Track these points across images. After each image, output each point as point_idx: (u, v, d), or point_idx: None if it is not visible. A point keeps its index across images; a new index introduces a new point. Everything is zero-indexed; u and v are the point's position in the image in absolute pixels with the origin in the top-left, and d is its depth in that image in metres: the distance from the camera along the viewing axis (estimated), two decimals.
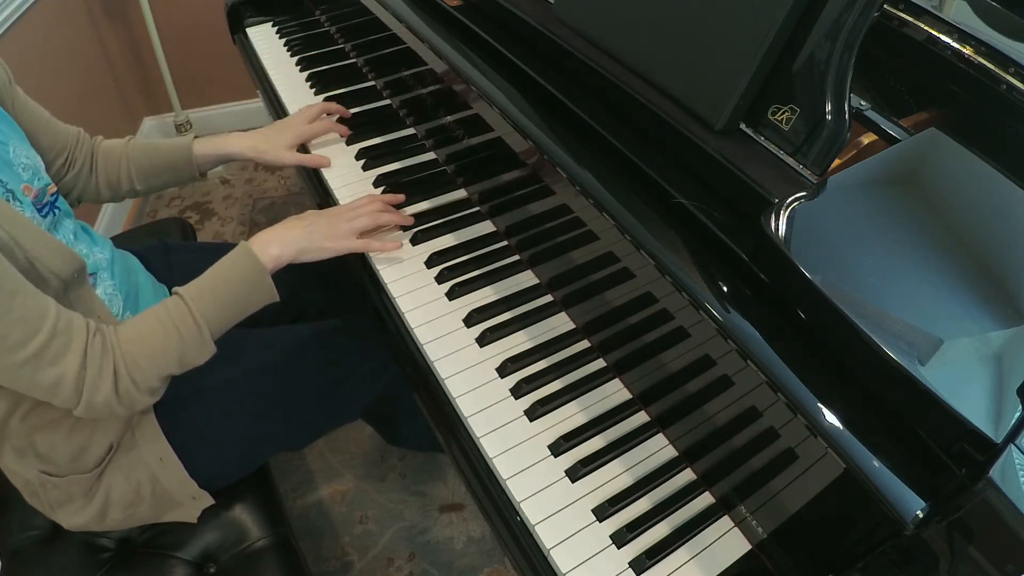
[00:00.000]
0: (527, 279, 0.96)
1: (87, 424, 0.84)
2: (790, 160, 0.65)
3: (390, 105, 1.29)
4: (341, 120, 1.21)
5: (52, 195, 0.84)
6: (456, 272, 0.96)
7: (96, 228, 1.82)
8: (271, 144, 1.11)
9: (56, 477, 0.85)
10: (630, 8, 0.76)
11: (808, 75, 0.63)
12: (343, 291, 1.23)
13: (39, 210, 0.80)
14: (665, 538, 0.70)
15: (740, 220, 0.65)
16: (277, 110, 1.33)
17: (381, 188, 1.10)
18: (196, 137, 1.09)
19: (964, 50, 0.78)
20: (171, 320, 0.79)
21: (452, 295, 0.93)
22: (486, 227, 1.03)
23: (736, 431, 0.68)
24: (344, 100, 1.29)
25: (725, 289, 0.63)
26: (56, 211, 0.84)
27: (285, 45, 1.50)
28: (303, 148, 1.18)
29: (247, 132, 1.12)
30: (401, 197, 1.04)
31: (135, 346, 0.76)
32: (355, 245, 0.94)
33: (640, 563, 0.68)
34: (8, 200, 0.75)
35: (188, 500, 0.92)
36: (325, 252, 0.92)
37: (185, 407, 0.91)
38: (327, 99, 1.29)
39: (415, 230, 1.02)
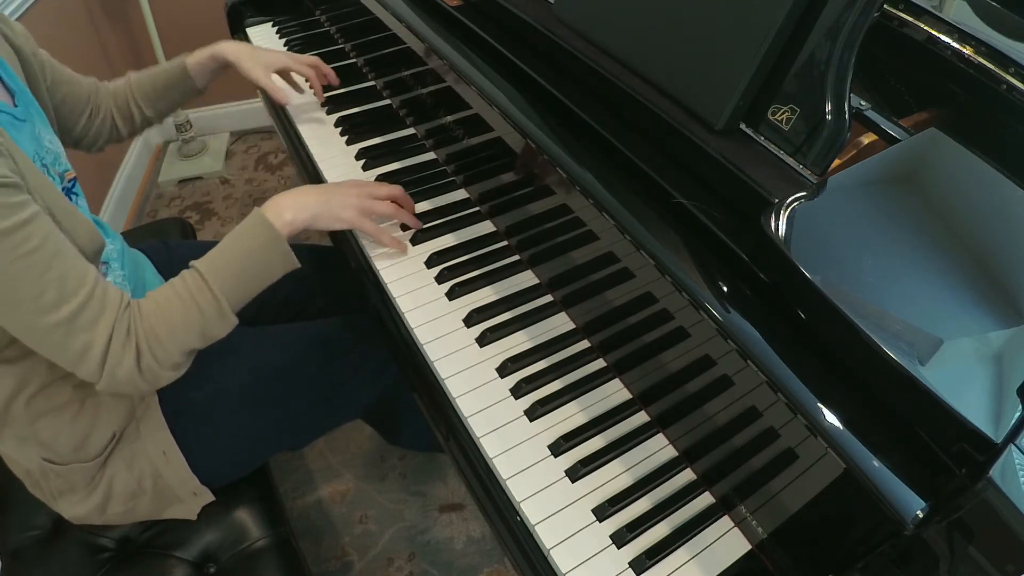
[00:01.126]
0: (527, 279, 0.96)
1: (90, 412, 0.84)
2: (790, 160, 0.65)
3: (390, 105, 1.29)
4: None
5: (70, 181, 0.86)
6: (456, 272, 0.96)
7: None
8: (253, 59, 1.18)
9: (58, 465, 0.86)
10: (630, 8, 0.76)
11: (808, 75, 0.63)
12: (343, 291, 1.23)
13: None
14: (665, 538, 0.70)
15: (740, 220, 0.65)
16: (277, 110, 1.33)
17: None
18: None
19: (964, 50, 0.78)
20: (190, 294, 0.78)
21: (452, 295, 0.93)
22: (486, 227, 1.03)
23: (736, 431, 0.68)
24: (344, 100, 1.29)
25: (725, 289, 0.63)
26: (73, 196, 0.86)
27: (285, 45, 1.49)
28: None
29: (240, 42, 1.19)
30: (413, 206, 1.04)
31: (156, 320, 0.76)
32: (368, 227, 0.93)
33: (640, 563, 0.68)
34: (43, 173, 0.76)
35: (189, 496, 0.92)
36: (339, 223, 0.90)
37: (184, 405, 0.91)
38: (328, 98, 1.29)
39: (415, 230, 1.02)
